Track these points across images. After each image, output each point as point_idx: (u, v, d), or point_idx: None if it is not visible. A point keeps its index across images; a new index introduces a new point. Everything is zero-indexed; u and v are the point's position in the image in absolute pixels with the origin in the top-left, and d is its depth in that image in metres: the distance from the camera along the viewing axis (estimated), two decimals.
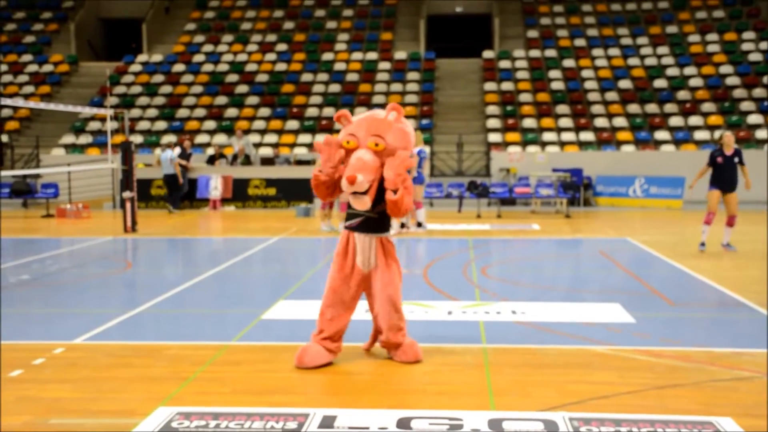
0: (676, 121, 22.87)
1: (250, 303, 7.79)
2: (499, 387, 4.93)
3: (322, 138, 5.47)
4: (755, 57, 24.93)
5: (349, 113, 5.46)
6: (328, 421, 4.28)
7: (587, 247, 12.42)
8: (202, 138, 23.43)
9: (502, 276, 9.55)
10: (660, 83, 24.50)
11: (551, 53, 26.49)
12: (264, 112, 24.63)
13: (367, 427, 4.20)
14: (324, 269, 8.28)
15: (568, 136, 22.60)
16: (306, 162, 19.71)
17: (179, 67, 26.95)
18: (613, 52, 26.30)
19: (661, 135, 22.31)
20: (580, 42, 27.12)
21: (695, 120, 22.83)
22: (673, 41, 26.47)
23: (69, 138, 23.85)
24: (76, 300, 8.09)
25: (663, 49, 26.10)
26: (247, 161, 20.14)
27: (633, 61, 25.68)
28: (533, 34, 27.89)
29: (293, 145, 22.85)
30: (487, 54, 27.02)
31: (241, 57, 27.27)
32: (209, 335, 6.39)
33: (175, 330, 6.71)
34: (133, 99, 25.45)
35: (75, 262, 11.04)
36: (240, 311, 7.33)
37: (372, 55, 27.07)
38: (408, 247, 12.20)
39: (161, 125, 24.27)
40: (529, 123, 23.28)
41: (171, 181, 18.39)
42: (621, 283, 8.95)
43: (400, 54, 27.21)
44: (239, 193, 19.23)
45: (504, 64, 26.24)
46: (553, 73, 25.42)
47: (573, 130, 22.92)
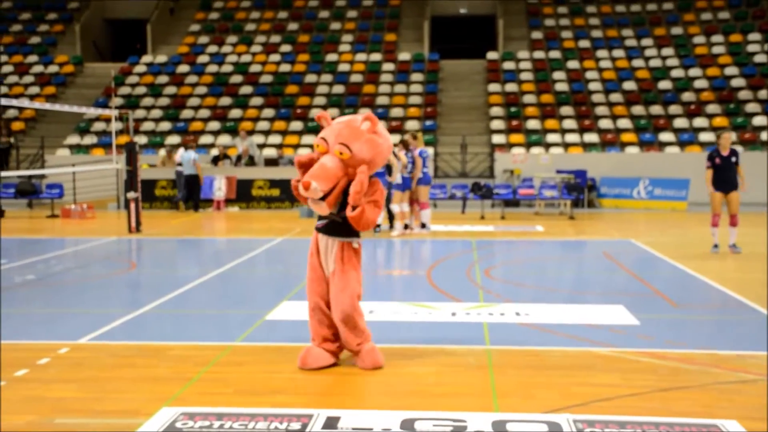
0: (680, 123, 22.82)
1: (253, 304, 7.80)
2: (503, 388, 4.93)
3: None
4: (761, 58, 24.86)
5: (329, 116, 5.40)
6: (331, 422, 4.29)
7: (591, 249, 12.41)
8: (206, 139, 23.46)
9: (505, 277, 9.55)
10: (665, 85, 24.45)
11: (555, 54, 26.45)
12: (268, 112, 24.65)
13: (371, 428, 4.21)
14: None
15: (572, 137, 22.57)
16: None
17: (183, 68, 26.99)
18: (618, 53, 26.25)
19: (666, 136, 22.26)
20: (584, 43, 27.07)
21: (700, 121, 22.78)
22: (678, 42, 26.42)
23: (74, 138, 23.90)
24: (80, 300, 8.11)
25: (668, 51, 26.05)
26: (251, 162, 20.16)
27: (637, 63, 25.64)
28: (537, 35, 27.86)
29: (297, 146, 22.85)
30: (491, 55, 27.00)
31: (245, 58, 27.30)
32: (213, 336, 6.41)
33: (179, 330, 6.72)
34: (138, 100, 25.50)
35: (79, 262, 11.07)
36: (244, 312, 7.35)
37: (376, 56, 27.07)
38: (412, 249, 12.21)
39: (165, 126, 24.31)
40: (533, 124, 23.26)
41: (193, 182, 18.57)
42: (625, 285, 8.94)
43: (404, 55, 27.21)
44: (243, 194, 19.24)
45: (508, 65, 26.22)
46: (558, 75, 25.38)
47: (577, 131, 22.89)
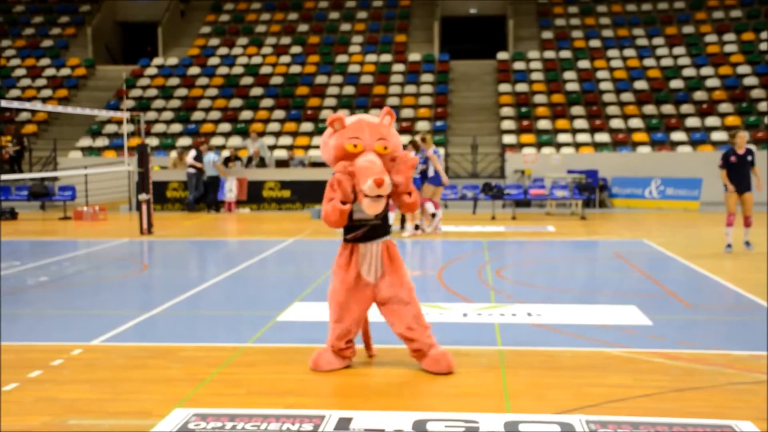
0: (692, 122, 22.71)
1: (265, 305, 7.82)
2: (515, 389, 4.92)
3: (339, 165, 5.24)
4: None
5: (343, 117, 5.36)
6: (343, 423, 4.29)
7: (603, 249, 12.36)
8: (217, 140, 23.53)
9: (517, 278, 9.53)
10: (676, 84, 24.34)
11: (566, 54, 26.38)
12: (278, 114, 24.71)
13: (383, 429, 4.21)
14: None
15: (583, 137, 22.50)
16: (321, 164, 19.71)
17: (194, 70, 27.10)
18: (629, 52, 26.16)
19: (678, 136, 22.16)
20: (595, 43, 26.99)
21: (712, 121, 22.66)
22: (690, 41, 26.29)
23: (86, 141, 24.03)
24: (93, 302, 8.14)
25: (679, 50, 25.93)
26: (262, 163, 20.20)
27: (649, 62, 25.54)
28: (548, 35, 27.80)
29: (308, 147, 22.91)
30: (502, 55, 26.95)
31: (256, 60, 27.37)
32: (225, 337, 6.43)
33: (191, 332, 6.75)
34: (149, 102, 25.62)
35: (92, 264, 11.12)
36: (255, 313, 7.36)
37: (386, 57, 27.08)
38: (423, 249, 12.20)
39: (177, 128, 24.40)
40: (544, 124, 23.20)
41: (214, 183, 18.82)
42: (637, 285, 8.90)
43: (414, 56, 27.20)
44: (254, 196, 19.29)
45: (518, 65, 26.16)
46: (568, 75, 25.31)
47: (588, 131, 22.81)
